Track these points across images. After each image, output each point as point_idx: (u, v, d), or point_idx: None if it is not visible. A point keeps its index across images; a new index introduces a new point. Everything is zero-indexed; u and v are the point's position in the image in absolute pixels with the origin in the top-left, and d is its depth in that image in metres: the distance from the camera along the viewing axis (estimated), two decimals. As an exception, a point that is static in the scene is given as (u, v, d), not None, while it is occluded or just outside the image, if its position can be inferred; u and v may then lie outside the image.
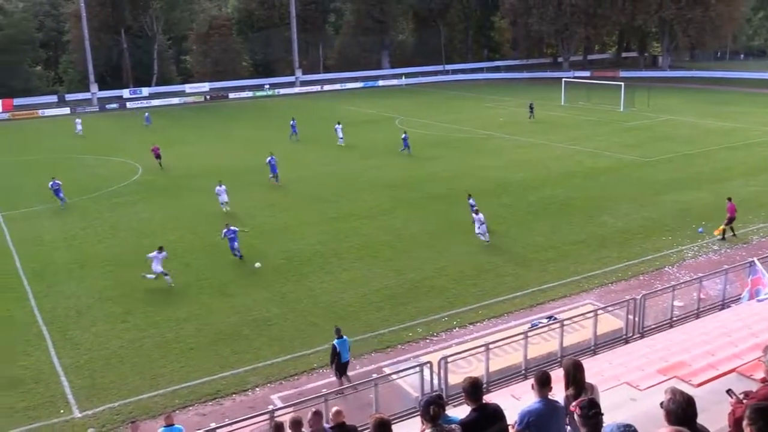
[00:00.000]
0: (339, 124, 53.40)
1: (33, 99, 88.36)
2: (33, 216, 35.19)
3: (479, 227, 27.84)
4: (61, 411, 17.21)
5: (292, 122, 56.69)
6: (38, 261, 28.53)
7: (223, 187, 34.50)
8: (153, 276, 24.92)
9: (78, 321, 22.46)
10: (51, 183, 36.40)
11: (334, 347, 17.27)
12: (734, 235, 28.03)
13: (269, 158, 40.34)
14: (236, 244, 27.45)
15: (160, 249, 25.21)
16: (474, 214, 28.20)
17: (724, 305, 18.98)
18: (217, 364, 19.18)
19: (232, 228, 27.59)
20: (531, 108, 62.98)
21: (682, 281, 21.72)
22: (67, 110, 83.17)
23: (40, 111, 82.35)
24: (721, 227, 28.00)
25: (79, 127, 63.76)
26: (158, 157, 45.65)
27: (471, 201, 30.10)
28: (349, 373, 17.81)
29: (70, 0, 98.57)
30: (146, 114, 70.00)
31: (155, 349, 20.32)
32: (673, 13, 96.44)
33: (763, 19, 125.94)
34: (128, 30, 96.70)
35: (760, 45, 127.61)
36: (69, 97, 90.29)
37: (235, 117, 73.06)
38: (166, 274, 24.97)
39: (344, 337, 17.50)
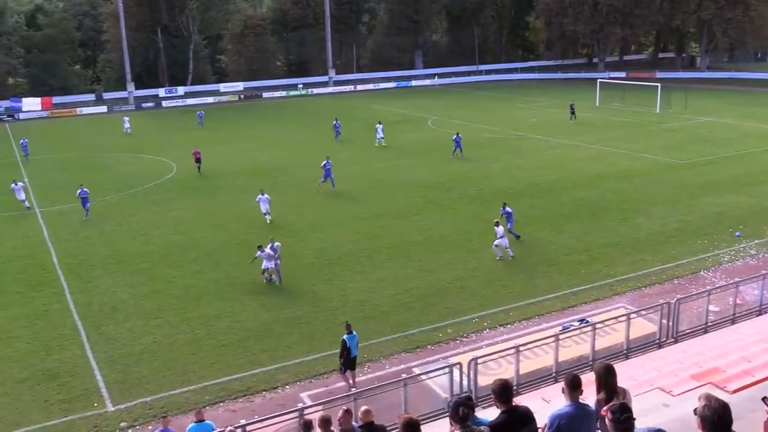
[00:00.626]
0: (380, 123, 53.12)
1: (71, 97, 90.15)
2: (70, 212, 35.79)
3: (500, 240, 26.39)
4: (95, 404, 17.49)
5: (335, 123, 56.36)
6: (74, 257, 29.03)
7: (266, 195, 32.43)
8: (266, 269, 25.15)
9: (112, 316, 22.81)
10: (79, 191, 34.63)
11: (344, 342, 17.38)
12: None
13: (325, 162, 38.53)
14: (272, 264, 24.87)
15: (260, 247, 25.17)
16: (495, 226, 26.55)
17: (761, 311, 18.61)
18: (248, 361, 19.33)
19: (273, 246, 24.97)
20: (572, 109, 61.61)
21: (717, 286, 21.31)
22: (104, 108, 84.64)
23: (78, 109, 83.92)
24: None
25: (127, 125, 64.10)
26: (198, 161, 44.49)
27: (505, 209, 28.83)
28: (379, 373, 17.81)
29: (109, 0, 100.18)
30: (199, 112, 70.08)
31: (187, 345, 20.54)
32: (712, 12, 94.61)
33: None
34: (164, 30, 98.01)
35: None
36: (106, 95, 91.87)
37: (268, 117, 73.56)
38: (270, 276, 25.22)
39: (354, 332, 17.54)
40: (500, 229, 26.42)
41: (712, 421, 5.11)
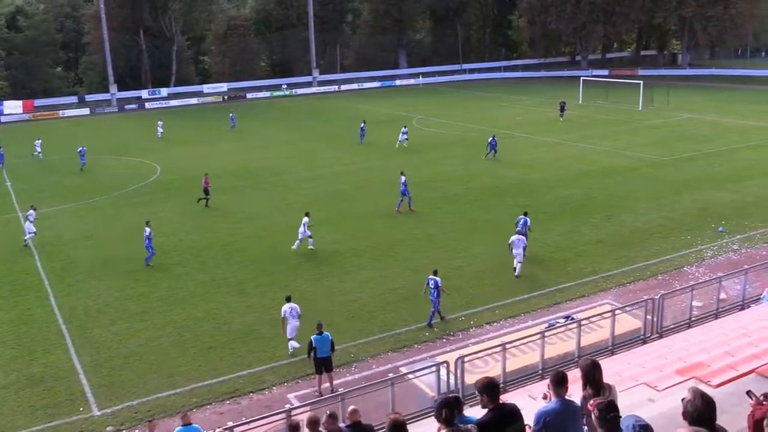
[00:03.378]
0: (405, 127, 51.58)
1: (53, 100, 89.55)
2: (53, 215, 35.53)
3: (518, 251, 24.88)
4: (81, 409, 17.37)
5: (362, 125, 54.20)
6: (58, 260, 28.83)
7: (306, 219, 28.39)
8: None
9: (97, 319, 22.65)
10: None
11: (310, 342, 17.39)
12: None
13: (402, 178, 33.83)
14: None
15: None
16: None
17: (743, 305, 18.76)
18: (234, 363, 19.27)
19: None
20: (562, 107, 61.66)
21: (701, 281, 21.50)
22: (87, 111, 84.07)
23: (60, 112, 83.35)
24: None
25: (161, 130, 60.57)
26: (206, 192, 36.35)
27: (523, 219, 27.06)
28: (366, 372, 17.81)
29: (90, 1, 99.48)
30: (231, 114, 65.95)
31: (173, 348, 20.45)
32: (692, 10, 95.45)
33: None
34: (147, 31, 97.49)
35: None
36: (89, 97, 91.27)
37: (253, 117, 73.20)
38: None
39: (325, 333, 17.46)
40: (515, 238, 24.77)
41: (697, 414, 5.17)
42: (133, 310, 23.31)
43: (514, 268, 24.79)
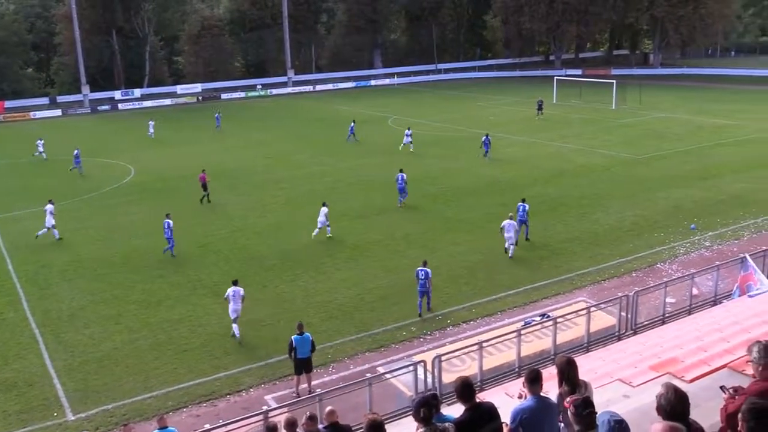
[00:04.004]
0: (410, 129, 50.14)
1: (24, 101, 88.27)
2: (25, 218, 35.02)
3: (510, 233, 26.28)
4: (55, 414, 17.15)
5: (351, 125, 54.48)
6: (31, 263, 28.41)
7: (325, 209, 29.74)
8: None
9: (71, 323, 22.38)
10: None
11: (290, 342, 17.37)
12: None
13: (399, 175, 34.59)
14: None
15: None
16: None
17: (716, 301, 19.02)
18: (211, 365, 19.15)
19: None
20: (539, 105, 62.16)
21: (674, 278, 21.77)
22: (59, 112, 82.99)
23: (31, 113, 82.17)
24: None
25: (152, 129, 60.20)
26: (205, 188, 36.58)
27: (522, 206, 28.26)
28: (343, 373, 17.79)
29: (61, 1, 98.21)
30: (217, 115, 65.47)
31: (149, 350, 20.26)
32: (664, 10, 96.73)
33: (753, 16, 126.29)
34: (120, 31, 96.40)
35: (751, 42, 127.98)
36: (60, 99, 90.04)
37: (228, 118, 72.72)
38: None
39: (306, 333, 17.46)
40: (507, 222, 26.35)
41: (671, 409, 5.24)
42: (108, 313, 23.06)
43: (506, 250, 26.33)
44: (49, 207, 31.30)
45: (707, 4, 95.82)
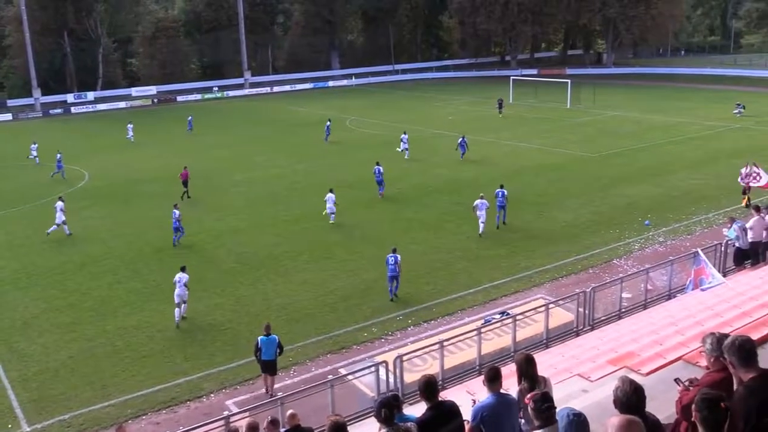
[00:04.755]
0: (405, 133, 47.87)
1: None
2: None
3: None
4: (9, 426, 16.73)
5: (327, 124, 54.38)
6: (-19, 272, 27.68)
7: (332, 195, 31.55)
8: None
9: (24, 332, 21.85)
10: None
11: (256, 343, 17.35)
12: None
13: (376, 167, 36.09)
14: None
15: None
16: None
17: (670, 295, 19.39)
18: (170, 372, 18.89)
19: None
20: (500, 104, 63.56)
21: (629, 273, 22.13)
22: (9, 116, 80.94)
23: (-20, 118, 79.94)
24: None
25: (131, 133, 58.46)
26: (185, 184, 37.42)
27: (500, 192, 30.45)
28: (305, 375, 17.71)
29: (10, 3, 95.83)
30: (189, 117, 64.24)
31: (106, 358, 19.91)
32: (616, 11, 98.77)
33: (702, 16, 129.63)
34: (71, 33, 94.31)
35: (700, 41, 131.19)
36: (11, 102, 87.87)
37: (183, 121, 71.87)
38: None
39: (272, 335, 17.39)
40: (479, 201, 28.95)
41: (626, 402, 5.34)
42: (62, 321, 22.58)
43: (479, 228, 28.57)
44: (60, 204, 31.71)
45: (657, 5, 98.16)
